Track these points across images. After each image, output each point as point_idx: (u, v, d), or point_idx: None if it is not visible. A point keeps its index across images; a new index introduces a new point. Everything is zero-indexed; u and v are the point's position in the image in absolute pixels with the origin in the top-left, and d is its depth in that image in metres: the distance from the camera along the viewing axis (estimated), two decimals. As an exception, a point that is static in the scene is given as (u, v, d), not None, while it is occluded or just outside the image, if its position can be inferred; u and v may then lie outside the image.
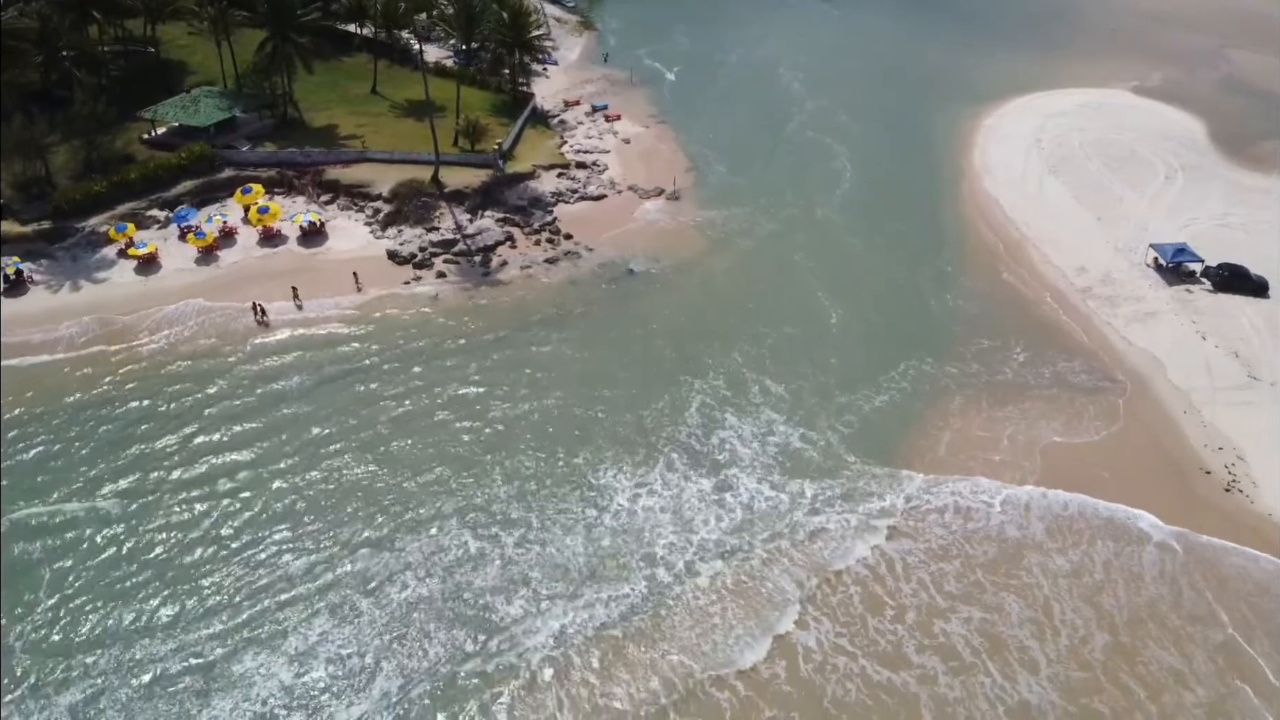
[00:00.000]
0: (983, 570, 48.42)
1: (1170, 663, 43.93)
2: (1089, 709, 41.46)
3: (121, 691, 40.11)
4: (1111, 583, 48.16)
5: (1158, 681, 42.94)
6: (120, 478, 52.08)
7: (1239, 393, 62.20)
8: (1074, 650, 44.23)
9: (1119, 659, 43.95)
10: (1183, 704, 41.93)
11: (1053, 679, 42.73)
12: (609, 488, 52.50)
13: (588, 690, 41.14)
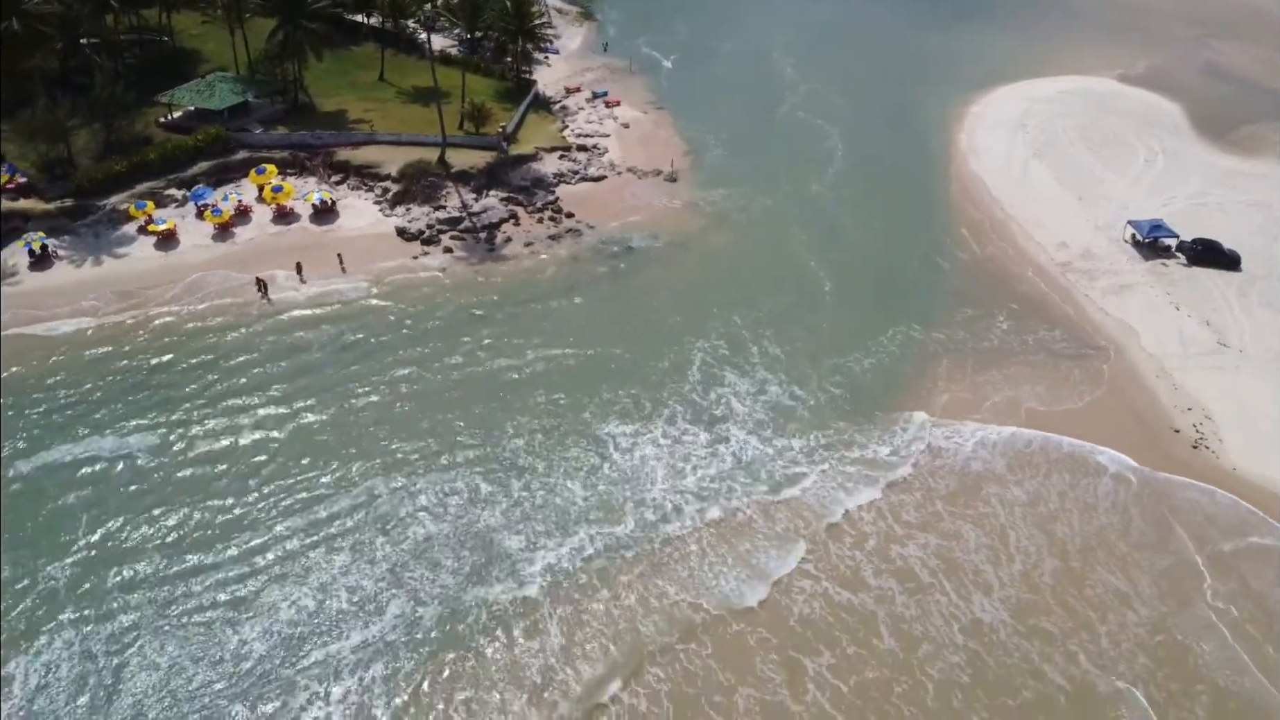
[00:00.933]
0: (943, 501, 51.78)
1: (1116, 586, 46.93)
2: (1037, 628, 44.33)
3: (157, 620, 42.89)
4: (1066, 511, 51.40)
5: (1104, 603, 45.90)
6: (146, 426, 54.99)
7: (1209, 358, 64.88)
8: (1026, 574, 47.30)
9: (1068, 583, 46.96)
10: (1125, 623, 44.86)
11: (1005, 600, 45.72)
12: (612, 437, 55.40)
13: (573, 608, 44.29)
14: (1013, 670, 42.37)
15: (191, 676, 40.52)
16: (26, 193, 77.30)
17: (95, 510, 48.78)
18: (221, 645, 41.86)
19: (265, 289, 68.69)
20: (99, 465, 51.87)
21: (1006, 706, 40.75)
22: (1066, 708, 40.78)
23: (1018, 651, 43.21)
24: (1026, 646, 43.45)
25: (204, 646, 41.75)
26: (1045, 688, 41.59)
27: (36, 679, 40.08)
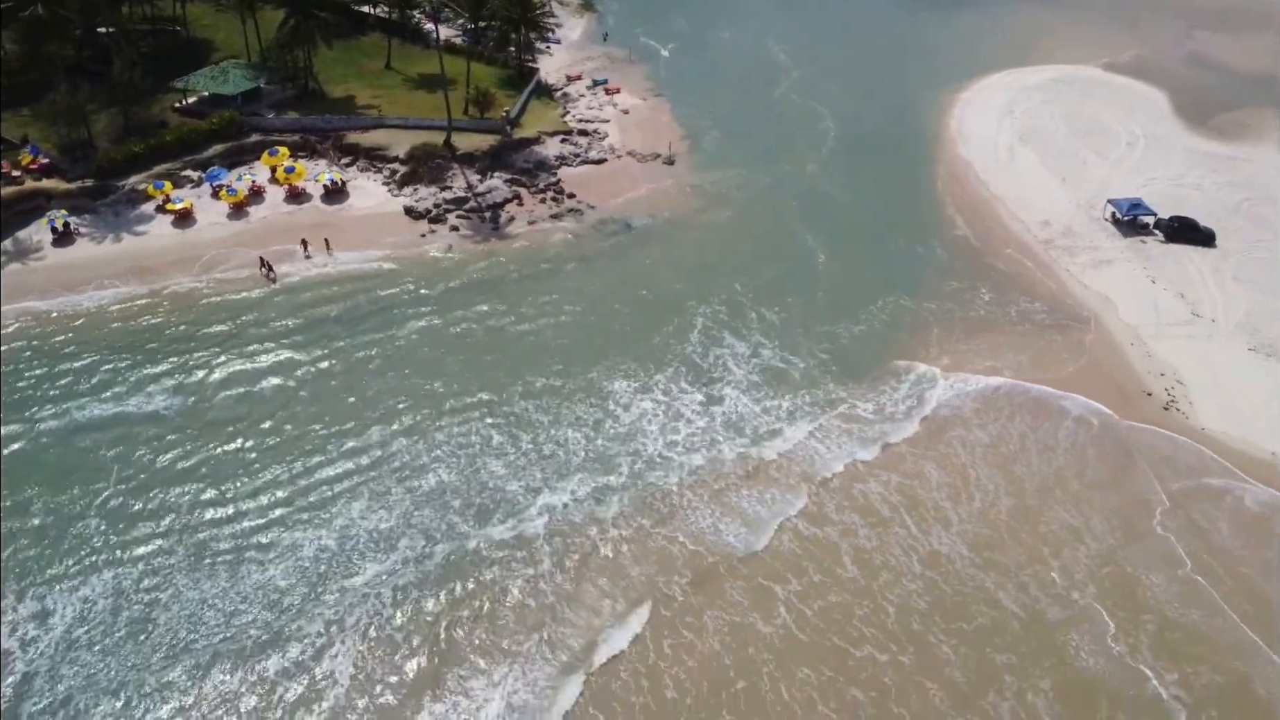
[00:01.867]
0: (908, 444, 55.11)
1: (1069, 521, 50.20)
2: (992, 560, 47.50)
3: (188, 559, 45.60)
4: (1026, 452, 54.86)
5: (1056, 538, 49.11)
6: (170, 387, 57.97)
7: (1182, 328, 67.53)
8: (984, 511, 50.52)
9: (1023, 519, 50.21)
10: (1077, 557, 48.01)
11: (962, 534, 48.91)
12: (616, 393, 58.57)
13: (562, 541, 47.73)
14: (968, 598, 45.35)
15: (218, 607, 43.29)
16: (49, 173, 79.87)
17: (124, 460, 51.71)
18: (246, 579, 44.69)
19: (270, 268, 70.93)
20: (126, 421, 54.71)
21: (962, 630, 43.77)
22: (1020, 633, 43.70)
23: (973, 581, 46.20)
24: (981, 577, 46.48)
25: (231, 580, 44.57)
26: (999, 614, 44.59)
27: (74, 612, 42.69)
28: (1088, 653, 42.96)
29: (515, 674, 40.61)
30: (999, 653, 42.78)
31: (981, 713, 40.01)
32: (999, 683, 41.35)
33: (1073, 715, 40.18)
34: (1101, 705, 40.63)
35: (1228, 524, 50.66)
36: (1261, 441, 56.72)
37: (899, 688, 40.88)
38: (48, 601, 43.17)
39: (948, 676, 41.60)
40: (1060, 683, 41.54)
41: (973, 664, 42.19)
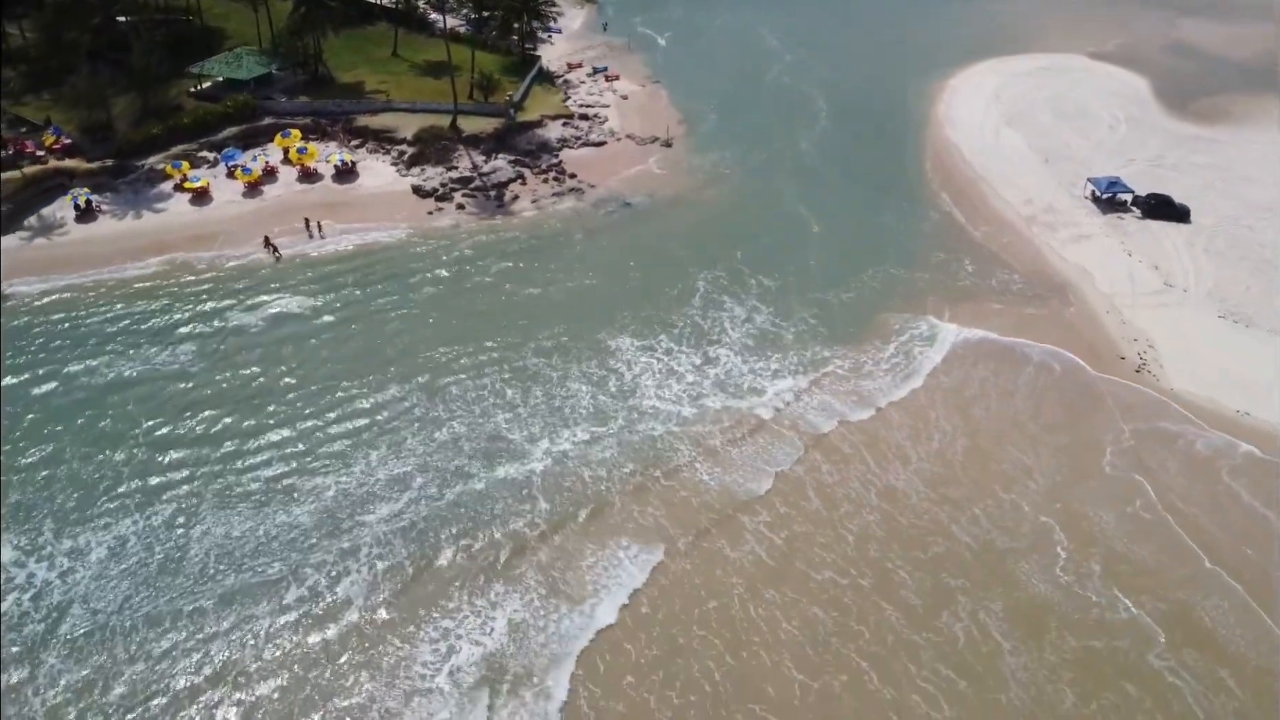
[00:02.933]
0: (873, 395, 58.65)
1: (1021, 460, 53.40)
2: (946, 495, 50.58)
3: (215, 500, 48.39)
4: (985, 396, 58.41)
5: (1006, 475, 52.29)
6: (194, 347, 60.89)
7: (1156, 297, 70.21)
8: (940, 450, 53.82)
9: (977, 458, 53.46)
10: (1026, 491, 51.19)
11: (918, 471, 52.11)
12: (620, 351, 61.83)
13: (560, 481, 50.82)
14: (923, 529, 48.49)
15: (244, 542, 46.05)
16: (71, 153, 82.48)
17: (152, 412, 54.67)
18: (270, 517, 47.53)
19: (275, 247, 72.78)
20: (152, 378, 57.69)
21: (918, 558, 46.77)
22: (971, 562, 46.66)
23: (928, 514, 49.42)
24: (936, 510, 49.68)
25: (255, 518, 47.39)
26: (952, 544, 47.64)
27: (108, 548, 45.34)
28: (1038, 580, 45.71)
29: (514, 597, 43.61)
30: (952, 578, 45.63)
31: (936, 630, 42.80)
32: (953, 604, 44.20)
33: (1022, 634, 42.83)
34: (1050, 626, 43.26)
35: (1176, 464, 53.58)
36: (1228, 400, 59.23)
37: (858, 607, 43.82)
38: (82, 539, 45.82)
39: (903, 598, 44.47)
40: (1011, 605, 44.26)
41: (928, 587, 45.06)
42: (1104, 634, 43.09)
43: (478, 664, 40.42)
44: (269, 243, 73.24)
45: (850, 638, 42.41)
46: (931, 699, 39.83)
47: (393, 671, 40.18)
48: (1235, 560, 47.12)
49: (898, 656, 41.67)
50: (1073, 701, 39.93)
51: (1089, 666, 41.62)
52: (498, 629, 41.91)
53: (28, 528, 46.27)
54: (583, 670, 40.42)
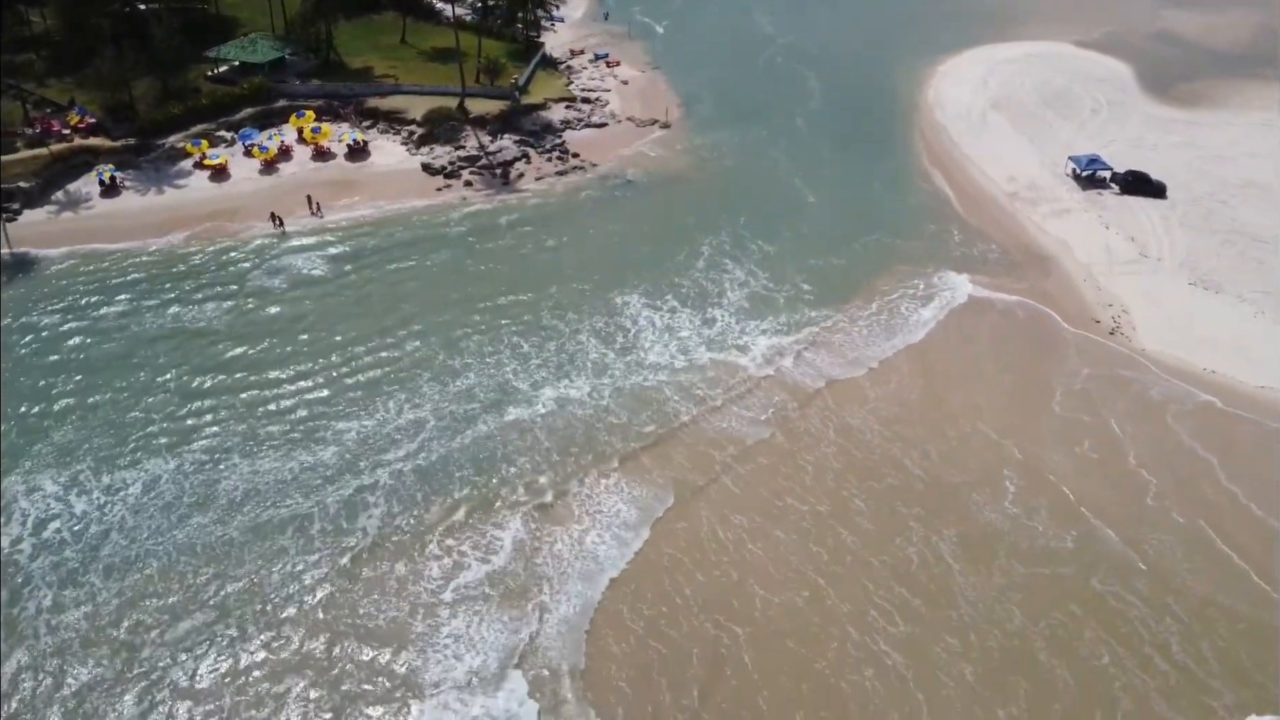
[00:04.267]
0: (849, 347, 62.13)
1: (974, 400, 56.75)
2: (900, 433, 53.83)
3: (242, 442, 51.24)
4: (961, 350, 62.10)
5: (957, 413, 55.56)
6: (220, 306, 63.92)
7: (1130, 266, 72.92)
8: (897, 393, 57.25)
9: (932, 400, 56.85)
10: (977, 428, 54.27)
11: (874, 412, 55.67)
12: (627, 307, 65.29)
13: (556, 423, 54.09)
14: (875, 460, 51.72)
15: (270, 479, 48.92)
16: (95, 132, 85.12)
17: (181, 364, 57.75)
18: (294, 457, 50.45)
19: (281, 222, 75.25)
20: (181, 334, 60.85)
21: (872, 488, 49.85)
22: (923, 492, 49.72)
23: (878, 447, 52.76)
24: (887, 445, 52.87)
25: (280, 457, 50.32)
26: (904, 477, 50.74)
27: (142, 485, 48.14)
28: (989, 511, 48.55)
29: (517, 521, 46.86)
30: (906, 507, 48.59)
31: (890, 553, 45.65)
32: (906, 530, 47.10)
33: (972, 559, 45.56)
34: (999, 553, 45.99)
35: (1126, 407, 56.61)
36: (1196, 359, 61.68)
37: (817, 531, 46.84)
38: (118, 476, 48.64)
39: (859, 524, 47.44)
40: (962, 533, 47.07)
41: (883, 515, 48.00)
42: (1050, 562, 45.67)
43: (481, 581, 43.54)
44: (275, 217, 75.59)
45: (810, 558, 45.30)
46: (887, 614, 42.59)
47: (404, 588, 43.16)
48: (1175, 498, 49.62)
49: (855, 576, 44.45)
50: (1020, 620, 42.51)
51: (1036, 590, 44.13)
52: (503, 551, 44.96)
53: (68, 465, 49.13)
54: (572, 585, 43.61)
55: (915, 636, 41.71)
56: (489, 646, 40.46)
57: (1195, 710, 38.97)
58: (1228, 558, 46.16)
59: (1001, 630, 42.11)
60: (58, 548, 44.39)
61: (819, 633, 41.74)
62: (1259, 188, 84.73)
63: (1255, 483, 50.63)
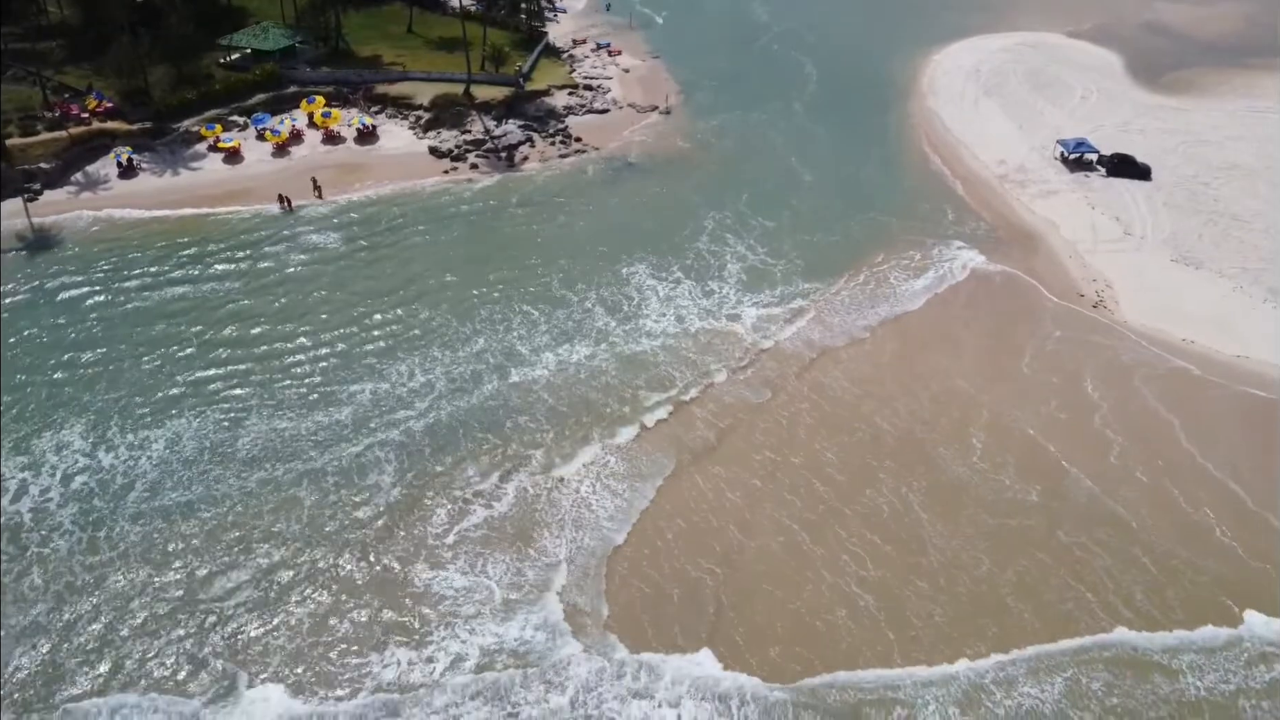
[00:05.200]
0: (837, 316, 64.35)
1: (939, 363, 58.82)
2: (871, 392, 56.01)
3: (261, 403, 53.34)
4: (943, 317, 64.63)
5: (928, 371, 57.86)
6: (238, 275, 66.13)
7: (1115, 244, 74.70)
8: (870, 354, 60.02)
9: (903, 361, 59.29)
10: (946, 386, 56.59)
11: (846, 373, 57.91)
12: (633, 277, 67.69)
13: (557, 383, 56.37)
14: (844, 416, 53.92)
15: (287, 436, 50.96)
16: (112, 115, 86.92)
17: (201, 330, 59.90)
18: (310, 416, 52.50)
19: (289, 203, 77.00)
20: (203, 305, 62.86)
21: (843, 441, 52.00)
22: (891, 445, 51.76)
23: (846, 403, 54.98)
24: (859, 403, 55.12)
25: (297, 417, 52.36)
26: (873, 430, 52.88)
27: (165, 442, 50.11)
28: (956, 466, 50.41)
29: (521, 473, 49.13)
30: (876, 460, 50.59)
31: (861, 503, 47.61)
32: (876, 482, 49.06)
33: (941, 510, 47.38)
34: (967, 504, 47.80)
35: (1096, 369, 58.57)
36: (1175, 331, 63.49)
37: (791, 481, 48.88)
38: (143, 434, 50.62)
39: (831, 476, 49.44)
40: (930, 485, 48.96)
41: (855, 468, 49.99)
42: (1016, 514, 47.40)
43: (481, 524, 45.82)
44: (283, 198, 77.18)
45: (784, 505, 47.33)
46: (858, 558, 44.47)
47: (413, 531, 45.32)
48: (1139, 456, 51.36)
49: (827, 522, 46.40)
50: (988, 567, 44.28)
51: (1003, 539, 45.88)
52: (505, 498, 47.23)
53: (94, 423, 51.12)
54: (566, 527, 46.04)
55: (886, 580, 43.52)
56: (498, 583, 42.67)
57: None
58: (1188, 514, 47.74)
59: (970, 576, 43.89)
60: (85, 497, 46.32)
61: (794, 575, 43.56)
62: (1242, 170, 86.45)
63: (1215, 442, 52.33)
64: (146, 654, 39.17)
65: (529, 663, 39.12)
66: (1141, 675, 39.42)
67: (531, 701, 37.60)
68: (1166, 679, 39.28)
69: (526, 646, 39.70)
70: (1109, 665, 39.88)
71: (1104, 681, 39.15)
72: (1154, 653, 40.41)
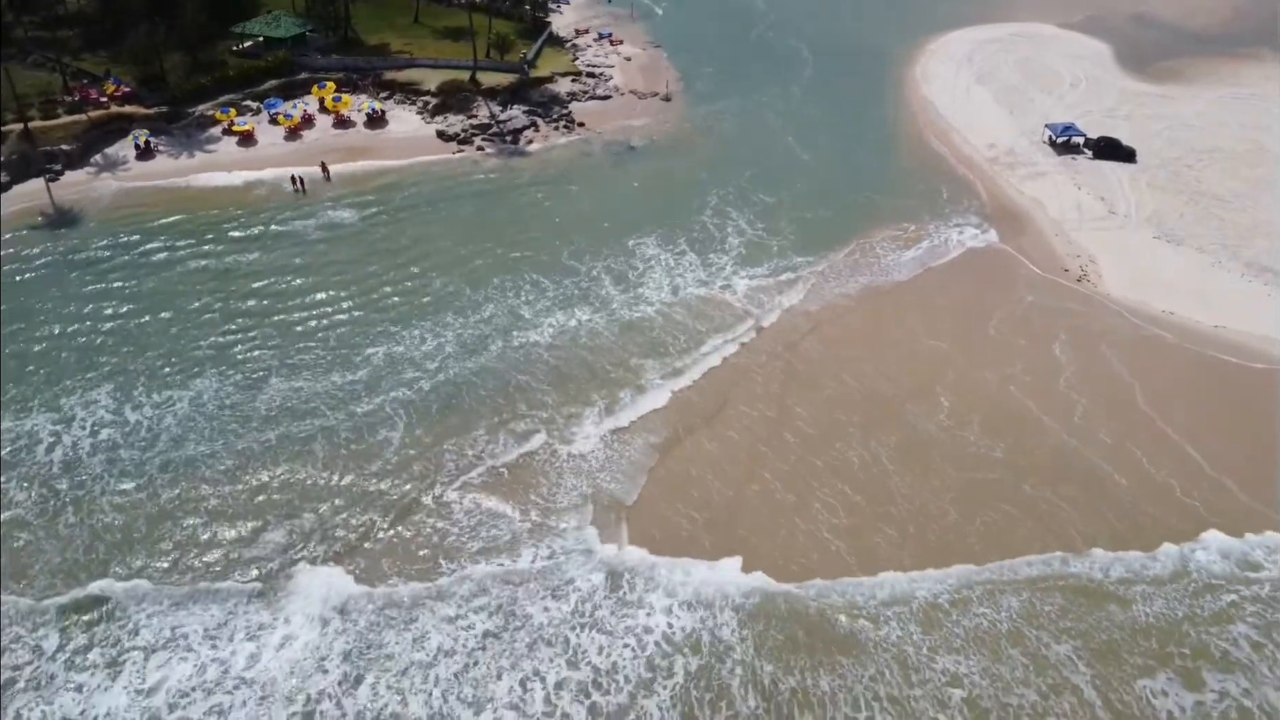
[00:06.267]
0: (821, 279, 67.17)
1: (919, 330, 61.14)
2: (846, 361, 57.86)
3: (280, 364, 55.65)
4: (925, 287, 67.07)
5: (904, 337, 60.24)
6: (256, 246, 68.70)
7: (1099, 222, 76.66)
8: (853, 321, 62.42)
9: (884, 328, 61.58)
10: (920, 349, 59.11)
11: (821, 338, 60.31)
12: (639, 249, 70.41)
13: (559, 344, 58.84)
14: (819, 376, 56.26)
15: (305, 394, 53.40)
16: (130, 100, 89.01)
17: (223, 297, 62.28)
18: (326, 377, 54.92)
19: (301, 183, 78.93)
20: (225, 274, 65.31)
21: (815, 397, 54.33)
22: (860, 402, 54.09)
23: (822, 365, 57.44)
24: (832, 365, 57.49)
25: (314, 377, 54.76)
26: (843, 388, 55.19)
27: (189, 400, 52.35)
28: (924, 423, 52.46)
29: (507, 434, 51.23)
30: (846, 415, 52.72)
31: (831, 455, 49.74)
32: (846, 436, 51.20)
33: (908, 463, 49.35)
34: (934, 459, 49.78)
35: (1066, 336, 60.59)
36: (1156, 303, 65.51)
37: (766, 434, 51.20)
38: (167, 393, 52.92)
39: (803, 430, 51.66)
40: (898, 441, 50.94)
41: (824, 422, 52.12)
42: (982, 468, 49.27)
43: (484, 473, 48.29)
44: (295, 179, 79.11)
45: (758, 457, 49.55)
46: (830, 507, 46.47)
47: (422, 478, 47.65)
48: (1098, 417, 53.22)
49: (799, 473, 48.52)
50: (956, 517, 46.07)
51: (970, 492, 47.67)
52: (510, 448, 49.75)
53: (121, 382, 53.43)
54: (567, 480, 48.39)
55: (856, 527, 45.37)
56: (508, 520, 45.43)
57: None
58: (1151, 475, 49.23)
59: (938, 525, 45.68)
60: (114, 449, 48.52)
61: (767, 522, 45.61)
62: (1224, 154, 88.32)
63: (1176, 404, 54.33)
64: (188, 552, 42.73)
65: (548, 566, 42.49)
66: (1095, 603, 41.43)
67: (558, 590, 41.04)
68: (1120, 607, 41.28)
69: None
70: (1065, 593, 41.96)
71: (1058, 605, 41.27)
72: (1110, 583, 42.32)
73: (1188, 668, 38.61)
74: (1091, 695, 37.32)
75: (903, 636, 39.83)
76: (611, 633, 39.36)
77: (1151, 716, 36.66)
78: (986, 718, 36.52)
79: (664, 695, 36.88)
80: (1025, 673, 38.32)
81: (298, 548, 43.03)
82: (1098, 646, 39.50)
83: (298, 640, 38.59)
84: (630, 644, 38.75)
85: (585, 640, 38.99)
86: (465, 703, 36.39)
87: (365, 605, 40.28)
